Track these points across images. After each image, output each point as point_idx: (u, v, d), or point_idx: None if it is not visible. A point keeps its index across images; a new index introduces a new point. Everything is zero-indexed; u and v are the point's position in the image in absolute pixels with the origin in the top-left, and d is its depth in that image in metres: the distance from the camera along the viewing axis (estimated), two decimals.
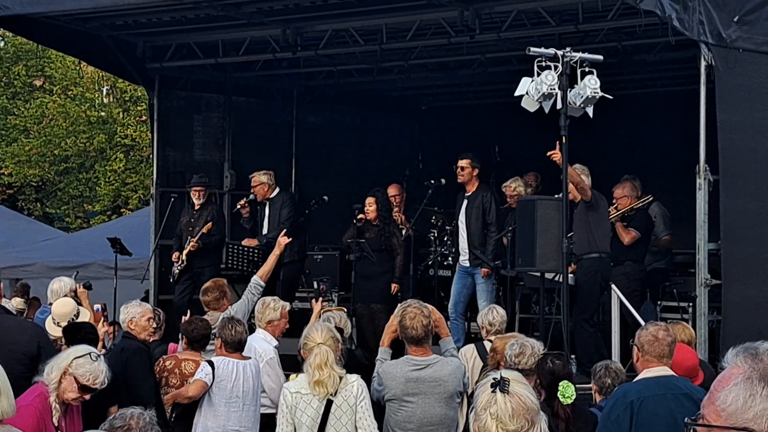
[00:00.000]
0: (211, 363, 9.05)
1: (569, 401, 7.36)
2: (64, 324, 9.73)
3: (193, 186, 15.57)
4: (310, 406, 7.47)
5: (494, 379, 4.05)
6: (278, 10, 14.33)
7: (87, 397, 7.04)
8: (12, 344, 8.54)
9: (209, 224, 15.07)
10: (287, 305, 10.26)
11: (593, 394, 8.46)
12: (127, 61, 16.23)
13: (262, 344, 9.80)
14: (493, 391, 4.01)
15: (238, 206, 15.50)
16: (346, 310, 10.65)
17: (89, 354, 7.06)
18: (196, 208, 15.49)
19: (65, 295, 10.80)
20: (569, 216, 11.37)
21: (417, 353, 7.90)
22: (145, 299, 16.25)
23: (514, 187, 14.18)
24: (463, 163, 13.83)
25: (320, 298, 10.60)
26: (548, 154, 11.15)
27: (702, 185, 11.53)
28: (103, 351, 10.38)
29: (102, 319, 11.13)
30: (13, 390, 5.38)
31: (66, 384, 6.90)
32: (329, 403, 7.46)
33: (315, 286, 10.69)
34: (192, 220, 15.42)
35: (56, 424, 6.87)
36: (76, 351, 7.07)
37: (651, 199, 14.25)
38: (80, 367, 6.91)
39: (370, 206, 14.39)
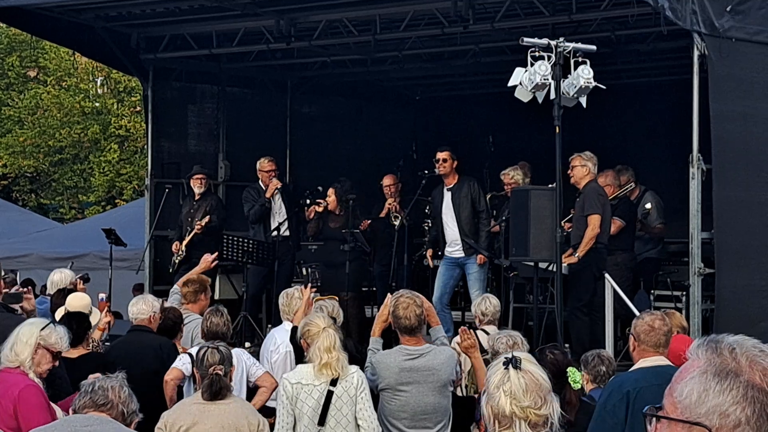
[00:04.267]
0: (191, 355, 8.93)
1: (578, 386, 7.45)
2: None
3: (195, 174, 15.63)
4: (311, 397, 7.50)
5: (506, 358, 4.10)
6: (272, 0, 14.35)
7: (56, 363, 7.33)
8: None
9: (207, 218, 15.13)
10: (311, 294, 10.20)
11: (584, 383, 8.48)
12: (121, 52, 16.23)
13: (284, 336, 9.65)
14: (506, 368, 4.06)
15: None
16: (338, 298, 10.61)
17: (50, 323, 7.39)
18: (197, 198, 15.54)
19: (64, 287, 10.81)
20: (563, 205, 11.40)
21: (410, 343, 7.93)
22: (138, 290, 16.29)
23: (512, 175, 14.20)
24: (444, 155, 13.83)
25: (309, 285, 10.50)
26: None
27: (695, 175, 11.56)
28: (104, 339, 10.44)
29: (106, 308, 11.15)
30: None
31: (39, 357, 7.16)
32: (330, 393, 7.49)
33: (304, 272, 10.64)
34: (192, 210, 15.49)
35: None
36: (34, 325, 7.26)
37: (633, 187, 14.29)
38: (49, 337, 7.21)
39: (330, 196, 14.63)
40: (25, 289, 10.63)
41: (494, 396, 4.07)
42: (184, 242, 15.26)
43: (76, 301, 10.18)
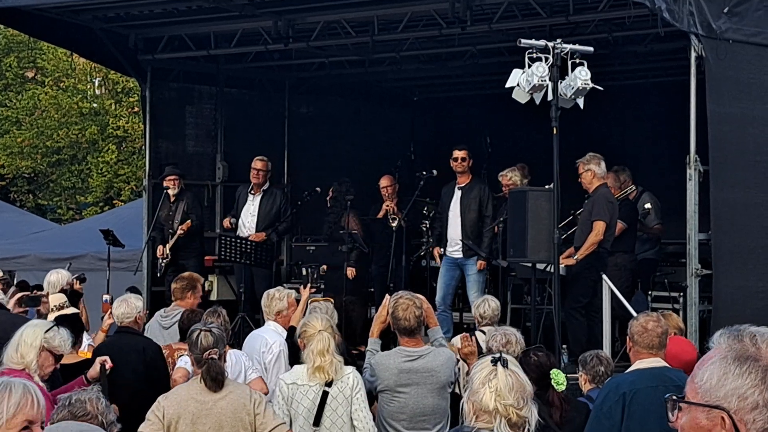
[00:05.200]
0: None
1: (563, 388, 7.45)
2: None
3: (167, 176, 15.64)
4: (306, 397, 7.52)
5: (494, 357, 4.13)
6: (270, 1, 14.36)
7: (57, 366, 7.43)
8: (5, 341, 8.57)
9: (188, 222, 15.16)
10: (293, 293, 10.24)
11: (582, 383, 8.50)
12: (119, 52, 16.24)
13: (274, 336, 9.70)
14: (494, 366, 4.10)
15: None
16: (333, 300, 10.64)
17: (54, 326, 7.43)
18: (172, 199, 15.57)
19: (62, 289, 10.85)
20: (561, 207, 11.42)
21: (409, 344, 7.95)
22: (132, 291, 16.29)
23: (510, 176, 14.20)
24: (462, 153, 13.87)
25: (308, 285, 10.50)
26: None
27: (692, 176, 11.58)
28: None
29: (110, 310, 11.18)
30: None
31: (42, 360, 7.22)
32: (325, 394, 7.50)
33: (304, 272, 10.65)
34: (170, 212, 15.52)
35: None
36: (38, 327, 7.27)
37: (633, 189, 14.30)
38: (53, 339, 7.28)
39: (329, 196, 14.71)
40: (44, 293, 10.72)
41: (479, 392, 4.11)
42: (168, 246, 15.32)
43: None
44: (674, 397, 2.65)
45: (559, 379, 7.42)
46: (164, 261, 15.38)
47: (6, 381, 3.32)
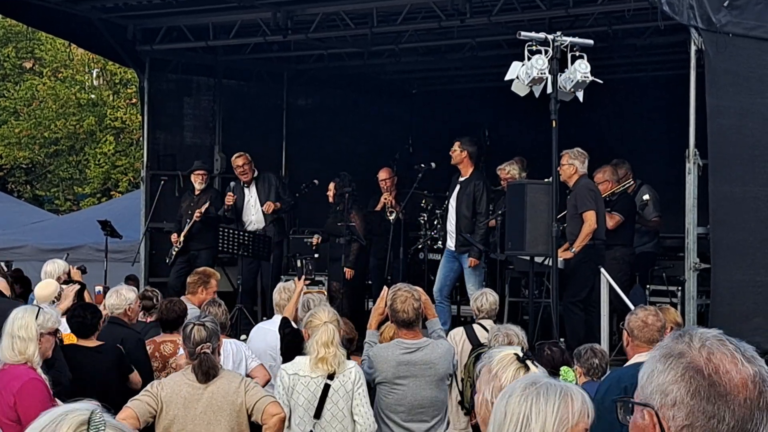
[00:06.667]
0: None
1: None
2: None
3: (195, 170, 15.69)
4: (307, 389, 7.50)
5: (515, 354, 4.05)
6: None
7: (57, 338, 7.52)
8: None
9: (207, 203, 15.22)
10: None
11: (576, 377, 8.48)
12: (118, 43, 16.22)
13: None
14: (522, 364, 4.02)
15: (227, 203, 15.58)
16: (326, 293, 10.59)
17: (39, 308, 7.41)
18: (197, 192, 15.59)
19: (58, 278, 10.80)
20: (559, 200, 11.41)
21: (408, 336, 7.94)
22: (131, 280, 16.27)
23: (508, 170, 14.18)
24: (455, 145, 13.86)
25: (303, 276, 10.46)
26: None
27: (691, 169, 11.57)
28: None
29: (103, 301, 11.14)
30: None
31: (43, 344, 7.22)
32: (326, 387, 7.49)
33: (298, 264, 10.61)
34: (192, 204, 15.55)
35: None
36: (26, 315, 7.24)
37: (632, 183, 14.29)
38: (46, 322, 7.27)
39: (329, 190, 14.69)
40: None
41: None
42: (183, 233, 15.32)
43: (41, 291, 10.17)
44: (620, 400, 2.67)
45: (567, 377, 7.39)
46: (176, 249, 15.41)
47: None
